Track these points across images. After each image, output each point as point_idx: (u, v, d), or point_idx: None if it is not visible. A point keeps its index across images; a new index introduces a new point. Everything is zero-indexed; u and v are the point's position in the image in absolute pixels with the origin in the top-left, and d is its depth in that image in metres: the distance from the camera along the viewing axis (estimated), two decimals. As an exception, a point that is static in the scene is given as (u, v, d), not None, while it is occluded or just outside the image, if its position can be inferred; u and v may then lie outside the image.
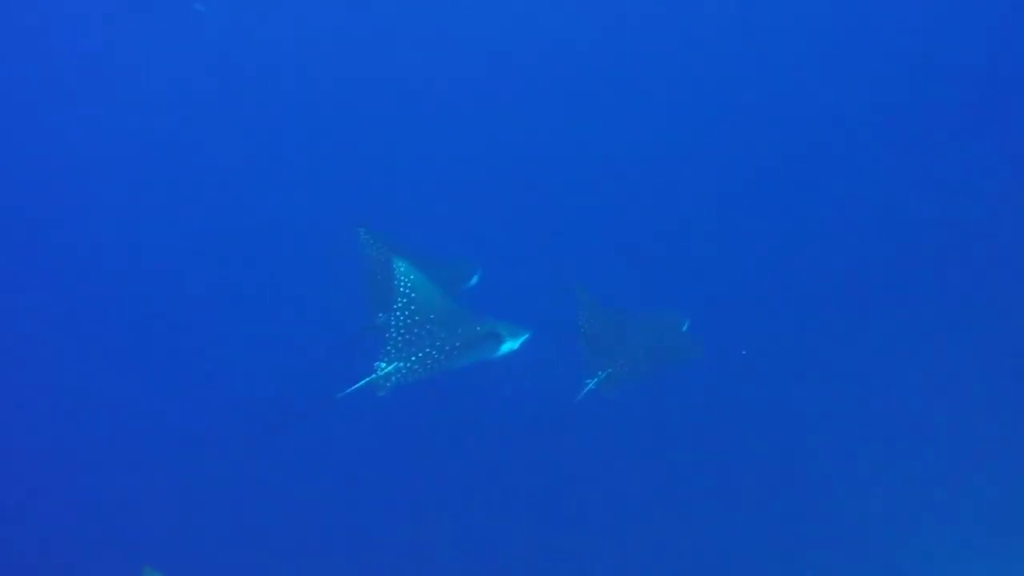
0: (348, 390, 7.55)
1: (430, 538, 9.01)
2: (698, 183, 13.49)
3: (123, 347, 11.45)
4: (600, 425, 9.88)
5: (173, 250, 12.78)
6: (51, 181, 13.72)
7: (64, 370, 11.03)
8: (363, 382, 7.58)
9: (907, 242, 12.09)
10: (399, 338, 7.79)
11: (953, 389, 9.88)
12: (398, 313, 7.83)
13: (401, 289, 7.86)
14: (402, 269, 7.87)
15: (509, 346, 7.99)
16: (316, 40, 15.46)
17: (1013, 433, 9.36)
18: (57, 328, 11.67)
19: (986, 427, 9.41)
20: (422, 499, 9.33)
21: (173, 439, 9.85)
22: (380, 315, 8.87)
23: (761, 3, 15.57)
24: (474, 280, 9.56)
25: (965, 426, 9.48)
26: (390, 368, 7.66)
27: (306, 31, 15.57)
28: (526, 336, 8.05)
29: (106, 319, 11.86)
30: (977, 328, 10.56)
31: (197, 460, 9.55)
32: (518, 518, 9.21)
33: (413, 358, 7.69)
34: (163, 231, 13.09)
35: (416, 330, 7.82)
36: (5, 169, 13.68)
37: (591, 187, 13.73)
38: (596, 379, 8.08)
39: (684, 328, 9.21)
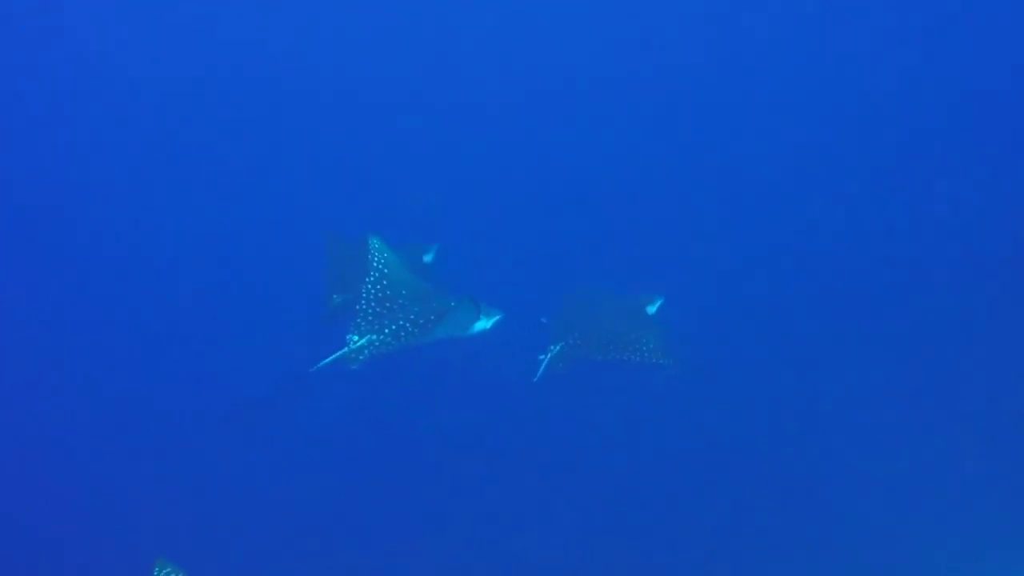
0: (321, 364, 7.44)
1: (410, 520, 8.86)
2: (695, 179, 13.53)
3: (92, 337, 11.19)
4: (578, 415, 9.87)
5: (141, 238, 12.61)
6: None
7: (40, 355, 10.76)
8: (335, 355, 7.48)
9: (907, 243, 12.19)
10: (370, 311, 7.74)
11: (951, 388, 9.94)
12: (370, 287, 7.81)
13: (375, 264, 7.87)
14: (376, 246, 7.90)
15: (482, 325, 7.97)
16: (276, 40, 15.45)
17: (1013, 434, 9.43)
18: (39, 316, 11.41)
19: (985, 427, 9.47)
20: (400, 481, 9.19)
21: (145, 425, 9.63)
22: (335, 296, 8.96)
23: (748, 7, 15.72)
24: (431, 255, 9.53)
25: (963, 425, 9.51)
26: (363, 341, 7.57)
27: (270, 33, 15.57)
28: (499, 317, 8.03)
29: (73, 307, 11.59)
30: (975, 328, 10.64)
31: (171, 445, 9.33)
32: (498, 506, 9.09)
33: (386, 330, 7.61)
34: (136, 219, 12.92)
35: (388, 304, 7.78)
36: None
37: (574, 182, 13.72)
38: (549, 353, 8.09)
39: (653, 310, 9.20)
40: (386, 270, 7.86)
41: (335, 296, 9.00)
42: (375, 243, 7.89)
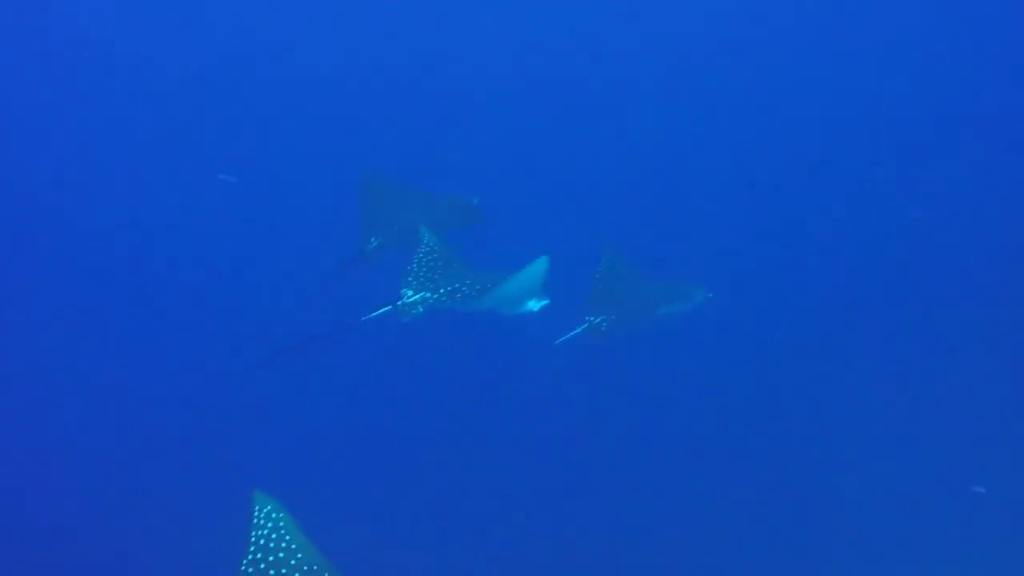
0: (372, 315, 7.25)
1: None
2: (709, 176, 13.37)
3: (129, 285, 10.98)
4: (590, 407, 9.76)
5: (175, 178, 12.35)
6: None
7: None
8: (387, 307, 7.30)
9: (912, 243, 12.15)
10: (421, 272, 7.63)
11: (952, 389, 9.84)
12: (422, 256, 7.73)
13: (425, 242, 7.83)
14: (426, 237, 7.86)
15: (532, 306, 7.74)
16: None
17: (1013, 435, 9.42)
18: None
19: (985, 428, 9.43)
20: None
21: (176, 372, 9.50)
22: (373, 239, 8.78)
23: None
24: (476, 201, 9.26)
25: (963, 426, 9.47)
26: (416, 297, 7.39)
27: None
28: (546, 302, 7.72)
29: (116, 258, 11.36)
30: (977, 329, 10.60)
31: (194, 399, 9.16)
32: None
33: (441, 290, 7.43)
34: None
35: (442, 271, 7.68)
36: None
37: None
38: (587, 324, 7.98)
39: (699, 300, 9.09)
40: (438, 246, 7.82)
41: (372, 239, 8.80)
42: (426, 234, 7.84)
